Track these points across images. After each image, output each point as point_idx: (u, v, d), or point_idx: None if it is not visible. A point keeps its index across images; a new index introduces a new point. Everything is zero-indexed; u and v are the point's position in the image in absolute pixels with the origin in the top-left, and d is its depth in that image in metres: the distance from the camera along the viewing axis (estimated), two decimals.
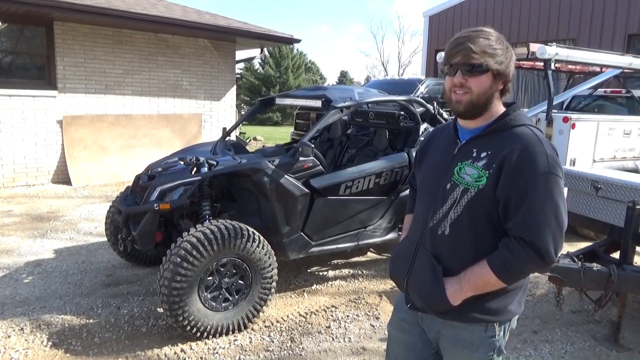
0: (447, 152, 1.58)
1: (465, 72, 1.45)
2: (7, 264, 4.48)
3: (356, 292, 4.16)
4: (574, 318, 3.82)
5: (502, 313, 1.53)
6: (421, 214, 1.62)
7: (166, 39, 9.06)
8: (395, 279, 1.69)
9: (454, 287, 1.49)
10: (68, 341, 3.19)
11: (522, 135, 1.46)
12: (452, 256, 1.53)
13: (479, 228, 1.49)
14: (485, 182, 1.45)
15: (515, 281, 1.50)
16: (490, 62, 1.43)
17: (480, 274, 1.46)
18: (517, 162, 1.41)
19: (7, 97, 7.51)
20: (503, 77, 1.48)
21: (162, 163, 3.99)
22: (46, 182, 8.00)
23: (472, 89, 1.46)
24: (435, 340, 1.64)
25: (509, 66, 1.47)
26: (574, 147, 5.51)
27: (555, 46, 5.39)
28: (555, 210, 1.41)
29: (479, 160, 1.48)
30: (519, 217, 1.42)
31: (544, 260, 1.42)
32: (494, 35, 1.46)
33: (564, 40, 11.14)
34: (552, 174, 1.41)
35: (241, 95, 30.24)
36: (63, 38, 7.94)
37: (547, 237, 1.40)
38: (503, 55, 1.46)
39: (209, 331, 3.20)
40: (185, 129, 9.40)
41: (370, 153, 4.77)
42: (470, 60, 1.43)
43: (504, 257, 1.44)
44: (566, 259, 3.30)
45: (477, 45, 1.43)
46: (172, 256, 3.09)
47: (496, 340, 1.55)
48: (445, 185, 1.53)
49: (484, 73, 1.45)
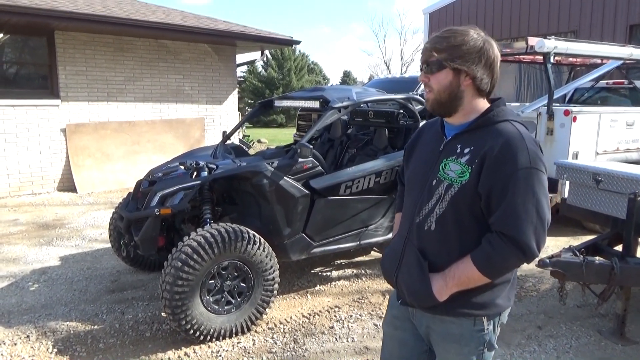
0: (434, 148, 1.59)
1: (426, 71, 1.51)
2: (13, 273, 4.52)
3: (359, 292, 4.16)
4: (578, 312, 3.80)
5: (490, 307, 1.53)
6: (409, 210, 1.63)
7: (166, 44, 9.10)
8: (386, 275, 1.70)
9: (439, 283, 1.50)
10: (73, 347, 3.22)
11: (503, 130, 1.46)
12: (438, 252, 1.53)
13: (464, 223, 1.49)
14: (467, 178, 1.46)
15: (499, 276, 1.50)
16: (444, 58, 1.46)
17: (464, 269, 1.47)
18: (497, 157, 1.42)
19: (11, 107, 7.58)
20: (469, 75, 1.47)
21: (163, 168, 4.02)
22: (52, 190, 8.07)
23: (432, 86, 1.51)
24: (426, 336, 1.65)
25: (474, 63, 1.46)
26: (576, 140, 5.48)
27: (554, 39, 5.36)
28: (536, 205, 1.41)
29: (462, 156, 1.49)
30: (500, 212, 1.42)
31: (525, 255, 1.42)
32: (462, 34, 1.46)
33: (565, 33, 11.07)
34: (533, 168, 1.41)
35: (245, 98, 30.33)
36: (64, 47, 8.00)
37: (528, 232, 1.40)
38: (465, 52, 1.45)
39: (212, 334, 3.21)
40: (188, 134, 9.45)
41: (371, 152, 4.76)
42: (428, 59, 1.49)
43: (486, 252, 1.44)
44: (568, 252, 3.28)
45: (435, 44, 1.47)
46: (173, 260, 3.10)
47: (485, 335, 1.55)
48: (431, 181, 1.54)
49: (441, 70, 1.47)
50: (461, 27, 1.50)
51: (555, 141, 5.51)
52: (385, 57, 40.56)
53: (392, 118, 4.76)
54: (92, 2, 8.55)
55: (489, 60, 1.48)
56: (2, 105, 7.50)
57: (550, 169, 5.28)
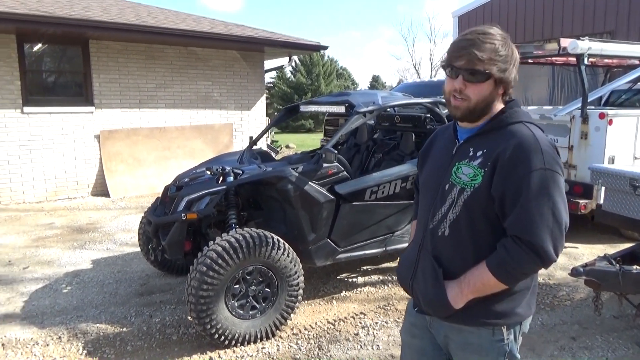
0: (447, 153, 1.56)
1: (467, 78, 1.41)
2: (48, 275, 4.66)
3: (385, 298, 4.11)
4: (615, 324, 3.64)
5: (510, 316, 1.48)
6: (422, 216, 1.60)
7: (196, 51, 9.27)
8: (402, 283, 1.66)
9: (454, 291, 1.45)
10: (102, 349, 3.28)
11: (516, 132, 1.42)
12: (453, 257, 1.49)
13: (478, 228, 1.45)
14: (480, 181, 1.42)
15: (515, 282, 1.44)
16: (493, 70, 1.39)
17: (480, 276, 1.42)
18: (510, 159, 1.37)
19: (48, 115, 7.86)
20: (504, 84, 1.44)
21: (190, 173, 4.07)
22: (86, 195, 8.31)
23: (470, 97, 1.42)
24: (444, 345, 1.60)
25: (511, 72, 1.43)
26: (612, 144, 5.28)
27: (587, 40, 5.19)
28: (552, 207, 1.35)
29: (475, 159, 1.45)
30: (514, 216, 1.37)
31: (542, 260, 1.36)
32: (500, 39, 1.41)
33: (600, 34, 10.72)
34: (547, 169, 1.36)
35: (274, 103, 30.60)
36: (98, 56, 8.25)
37: (544, 235, 1.34)
38: (507, 61, 1.41)
39: (237, 339, 3.22)
40: (217, 139, 9.58)
41: (397, 157, 4.72)
42: (474, 67, 1.39)
43: (502, 257, 1.39)
44: (603, 261, 3.15)
45: (483, 50, 1.38)
46: (198, 265, 3.13)
47: (505, 345, 1.49)
48: (444, 185, 1.50)
49: (485, 80, 1.41)
50: (491, 29, 1.43)
51: (590, 145, 5.32)
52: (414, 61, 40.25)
53: (419, 122, 4.70)
54: (125, 12, 8.80)
55: (517, 65, 1.45)
56: (40, 112, 7.79)
57: (586, 173, 5.12)
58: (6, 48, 7.44)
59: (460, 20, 14.12)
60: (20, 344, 3.35)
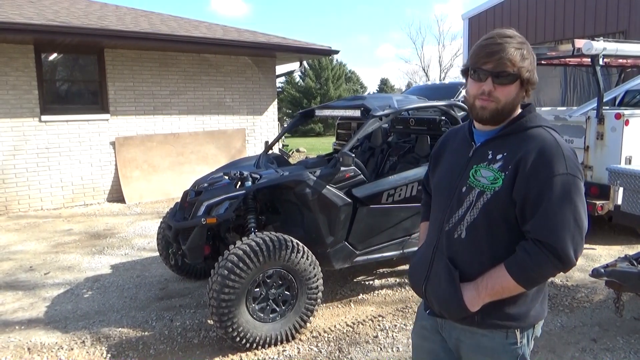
0: (462, 155, 1.56)
1: (496, 81, 1.43)
2: (69, 280, 4.73)
3: (403, 301, 4.12)
4: (636, 325, 3.61)
5: (523, 319, 1.48)
6: (436, 218, 1.59)
7: (209, 58, 9.37)
8: (414, 285, 1.66)
9: (471, 293, 1.45)
10: (126, 353, 3.33)
11: (538, 136, 1.43)
12: (469, 260, 1.49)
13: (496, 231, 1.45)
14: (501, 185, 1.42)
15: (534, 285, 1.45)
16: (522, 72, 1.42)
17: (498, 278, 1.42)
18: (533, 163, 1.39)
19: (65, 123, 7.99)
20: (530, 85, 1.46)
21: (208, 179, 4.12)
22: (102, 201, 8.42)
23: (499, 98, 1.44)
24: (455, 348, 1.59)
25: (535, 73, 1.45)
26: (629, 145, 5.25)
27: (602, 41, 5.18)
28: (573, 212, 1.36)
29: (494, 162, 1.46)
30: (536, 219, 1.38)
31: (562, 263, 1.37)
32: (523, 41, 1.45)
33: (613, 34, 10.65)
34: (569, 174, 1.37)
35: (283, 108, 30.74)
36: (113, 64, 8.38)
37: (566, 239, 1.35)
38: (531, 62, 1.44)
39: (258, 342, 3.26)
40: (230, 144, 9.65)
41: (413, 160, 4.73)
42: (504, 69, 1.41)
43: (522, 260, 1.40)
44: (624, 262, 3.14)
45: (511, 54, 1.40)
46: (219, 269, 3.17)
47: (518, 348, 1.49)
48: (460, 188, 1.50)
49: (513, 82, 1.43)
50: (512, 32, 1.46)
51: (606, 146, 5.30)
52: (423, 63, 40.11)
53: (434, 125, 4.72)
54: (139, 20, 8.92)
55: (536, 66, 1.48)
56: (57, 121, 7.92)
57: (602, 174, 5.09)
58: (24, 58, 7.58)
59: (470, 23, 14.09)
60: (46, 349, 3.41)
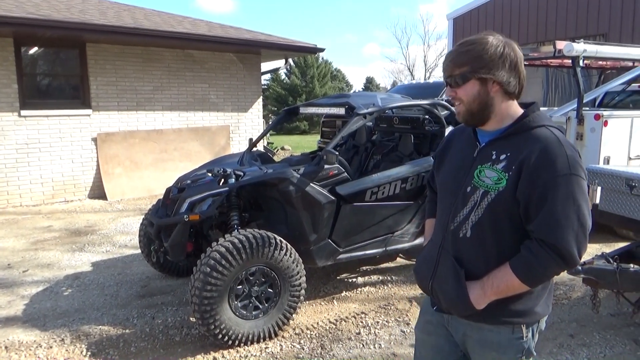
0: (467, 155, 1.58)
1: (452, 85, 1.51)
2: (48, 278, 4.66)
3: (386, 298, 4.14)
4: (612, 321, 3.70)
5: (529, 314, 1.52)
6: (442, 217, 1.62)
7: (193, 54, 9.29)
8: (420, 282, 1.69)
9: (477, 292, 1.48)
10: (106, 351, 3.30)
11: (541, 136, 1.44)
12: (475, 259, 1.52)
13: (501, 230, 1.48)
14: (505, 185, 1.44)
15: (539, 284, 1.48)
16: (468, 71, 1.45)
17: (504, 277, 1.45)
18: (536, 164, 1.40)
19: (45, 118, 7.85)
20: (493, 80, 1.46)
21: (191, 175, 4.09)
22: (83, 198, 8.29)
23: (462, 99, 1.50)
24: (462, 342, 1.63)
25: (497, 67, 1.44)
26: (608, 145, 5.35)
27: (583, 42, 5.27)
28: (577, 211, 1.38)
29: (498, 162, 1.48)
30: (539, 219, 1.40)
31: (566, 262, 1.40)
32: (482, 43, 1.45)
33: (593, 36, 10.85)
34: (573, 174, 1.39)
35: (268, 105, 30.63)
36: (95, 59, 8.26)
37: (570, 239, 1.38)
38: (491, 60, 1.44)
39: (240, 339, 3.25)
40: (214, 141, 9.59)
41: (396, 158, 4.76)
42: (452, 73, 1.49)
43: (527, 260, 1.42)
44: (601, 260, 3.20)
45: (456, 57, 1.48)
46: (202, 266, 3.16)
47: (524, 342, 1.53)
48: (465, 188, 1.53)
49: (466, 82, 1.47)
50: (477, 35, 1.49)
51: (586, 146, 5.39)
52: (408, 62, 40.28)
53: (417, 124, 4.75)
54: (122, 15, 8.80)
55: (512, 62, 1.47)
56: (37, 115, 7.77)
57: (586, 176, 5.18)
58: (3, 51, 7.43)
59: (455, 23, 14.22)
60: (24, 347, 3.36)
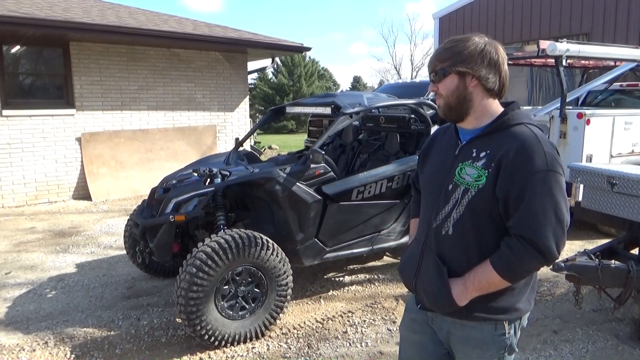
0: (449, 153, 1.60)
1: (434, 80, 1.56)
2: (31, 280, 4.59)
3: (372, 296, 4.16)
4: (595, 317, 3.76)
5: (511, 311, 1.53)
6: (425, 215, 1.64)
7: (179, 53, 9.22)
8: (405, 280, 1.71)
9: (459, 288, 1.50)
10: (90, 353, 3.26)
11: (519, 133, 1.47)
12: (457, 256, 1.53)
13: (482, 227, 1.50)
14: (484, 182, 1.46)
15: (519, 280, 1.50)
16: (448, 65, 1.50)
17: (484, 274, 1.47)
18: (514, 161, 1.42)
19: (28, 117, 7.73)
20: (471, 75, 1.49)
21: (177, 175, 4.07)
22: (67, 199, 8.19)
23: (442, 93, 1.55)
24: (446, 340, 1.65)
25: (475, 62, 1.48)
26: (590, 143, 5.43)
27: (566, 42, 5.33)
28: (555, 207, 1.40)
29: (478, 160, 1.50)
30: (518, 215, 1.42)
31: (545, 258, 1.42)
32: (463, 41, 1.50)
33: (577, 36, 10.99)
34: (550, 170, 1.41)
35: (256, 105, 30.53)
36: (79, 58, 8.15)
37: (548, 234, 1.40)
38: (471, 55, 1.48)
39: (227, 339, 3.24)
40: (201, 141, 9.54)
41: (382, 157, 4.78)
42: (434, 69, 1.55)
43: (506, 256, 1.44)
44: (583, 256, 3.25)
45: (440, 53, 1.53)
46: (188, 266, 3.14)
47: (507, 339, 1.55)
48: (447, 186, 1.55)
49: (446, 76, 1.52)
50: (464, 35, 1.53)
51: (569, 144, 5.46)
52: (395, 62, 40.42)
53: (403, 123, 4.77)
54: (106, 13, 8.70)
55: (493, 60, 1.50)
56: (19, 115, 7.65)
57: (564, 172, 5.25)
58: None
59: (441, 22, 14.30)
60: (6, 350, 3.31)
